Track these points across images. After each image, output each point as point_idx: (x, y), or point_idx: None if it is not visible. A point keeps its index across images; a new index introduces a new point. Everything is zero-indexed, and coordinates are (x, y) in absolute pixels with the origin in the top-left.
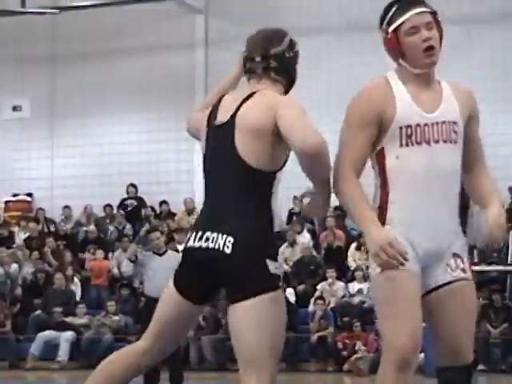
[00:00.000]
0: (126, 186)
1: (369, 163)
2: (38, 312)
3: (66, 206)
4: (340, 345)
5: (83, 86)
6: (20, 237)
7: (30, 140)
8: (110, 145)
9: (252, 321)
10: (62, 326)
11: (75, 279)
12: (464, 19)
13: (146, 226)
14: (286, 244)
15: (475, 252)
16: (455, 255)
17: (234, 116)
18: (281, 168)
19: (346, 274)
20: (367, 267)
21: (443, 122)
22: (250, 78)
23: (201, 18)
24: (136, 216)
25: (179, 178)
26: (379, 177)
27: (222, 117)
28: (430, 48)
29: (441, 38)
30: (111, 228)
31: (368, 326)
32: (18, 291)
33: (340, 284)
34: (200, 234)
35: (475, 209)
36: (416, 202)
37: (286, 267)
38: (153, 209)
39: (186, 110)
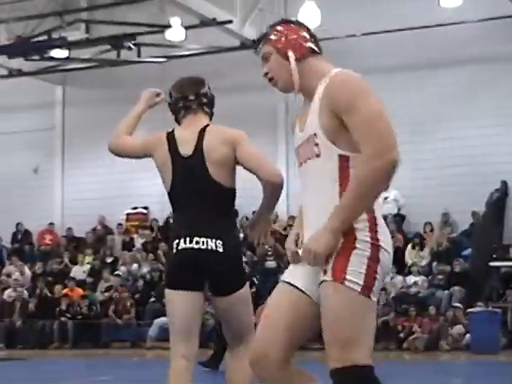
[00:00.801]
0: None
1: None
2: (154, 302)
3: None
4: (399, 327)
5: None
6: (138, 242)
7: (146, 163)
8: None
9: (238, 305)
10: None
11: None
12: None
13: None
14: None
15: None
16: None
17: (198, 149)
18: None
19: (403, 269)
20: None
21: (307, 139)
22: (186, 113)
23: None
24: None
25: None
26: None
27: (186, 150)
28: (269, 80)
29: (285, 53)
30: None
31: (423, 312)
32: (139, 285)
33: (399, 278)
34: (189, 238)
35: None
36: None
37: None
38: (246, 218)
39: (269, 140)
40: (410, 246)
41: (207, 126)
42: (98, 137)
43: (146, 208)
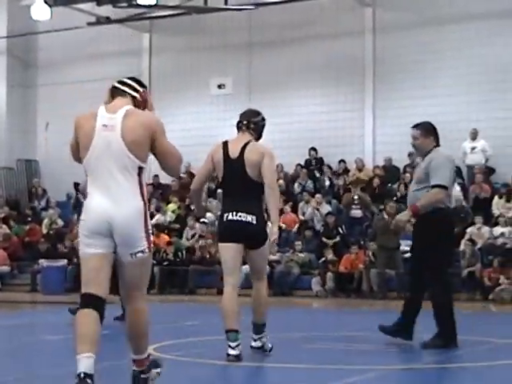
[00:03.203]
0: (308, 149)
1: None
2: None
3: None
4: (486, 279)
5: (274, 67)
6: None
7: (231, 111)
8: (298, 115)
9: (262, 256)
10: None
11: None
12: None
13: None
14: None
15: None
16: None
17: (241, 155)
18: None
19: (490, 220)
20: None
21: None
22: (239, 131)
23: (369, 9)
24: (315, 174)
25: (352, 141)
26: None
27: (234, 154)
28: None
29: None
30: (296, 184)
31: (510, 263)
32: None
33: (486, 228)
34: (235, 213)
35: None
36: None
37: None
38: (329, 167)
39: (357, 88)
40: (497, 197)
41: (249, 142)
42: (183, 84)
43: None
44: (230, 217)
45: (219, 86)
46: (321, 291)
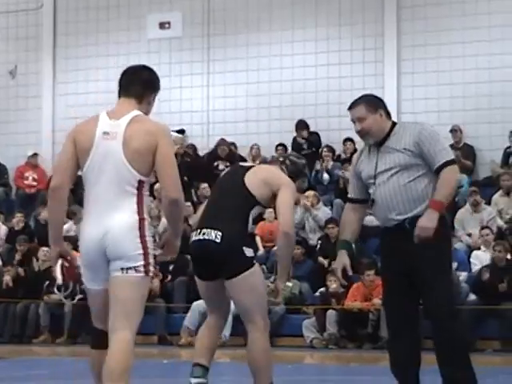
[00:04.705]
0: (295, 123)
1: None
2: None
3: (231, 143)
4: None
5: None
6: None
7: (180, 64)
8: (280, 69)
9: (243, 288)
10: None
11: None
12: None
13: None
14: (499, 192)
15: None
16: None
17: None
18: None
19: None
20: None
21: None
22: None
23: None
24: (311, 157)
25: None
26: None
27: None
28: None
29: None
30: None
31: None
32: None
33: None
34: (199, 231)
35: None
36: None
37: (501, 223)
38: (330, 149)
39: (372, 28)
40: None
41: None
42: (106, 23)
43: (181, 132)
44: (195, 237)
45: (161, 26)
46: (317, 339)
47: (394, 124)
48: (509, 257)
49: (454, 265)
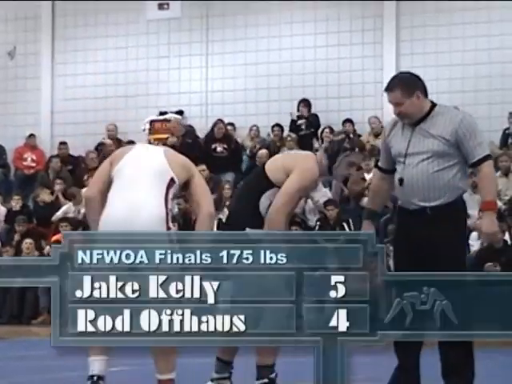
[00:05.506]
0: (297, 102)
1: None
2: None
3: (230, 124)
4: None
5: None
6: None
7: (179, 45)
8: (279, 50)
9: None
10: None
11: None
12: None
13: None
14: (498, 174)
15: None
16: None
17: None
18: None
19: None
20: None
21: None
22: None
23: None
24: (309, 138)
25: (365, 91)
26: None
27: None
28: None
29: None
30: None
31: None
32: None
33: None
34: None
35: None
36: None
37: (499, 204)
38: (330, 130)
39: (372, 8)
40: None
41: None
42: (104, 4)
43: (179, 113)
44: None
45: (160, 6)
46: None
47: (434, 105)
48: (506, 238)
49: None
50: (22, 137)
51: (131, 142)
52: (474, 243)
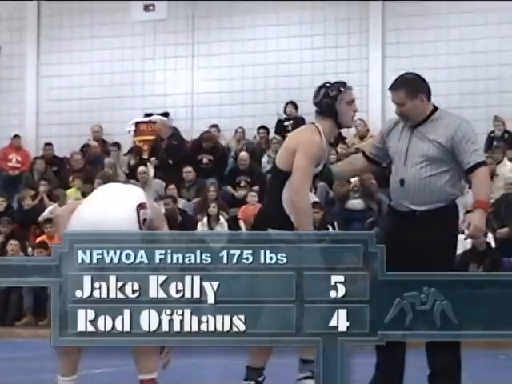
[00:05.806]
0: (283, 104)
1: None
2: None
3: (213, 125)
4: None
5: None
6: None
7: (164, 47)
8: (265, 53)
9: None
10: None
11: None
12: None
13: None
14: None
15: None
16: None
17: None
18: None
19: None
20: None
21: None
22: None
23: None
24: None
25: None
26: None
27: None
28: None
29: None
30: (265, 158)
31: None
32: None
33: None
34: None
35: None
36: None
37: None
38: None
39: (357, 9)
40: None
41: None
42: (89, 5)
43: (165, 115)
44: None
45: (146, 8)
46: None
47: (435, 109)
48: (489, 241)
49: None
50: (6, 137)
51: (116, 144)
52: (459, 246)
